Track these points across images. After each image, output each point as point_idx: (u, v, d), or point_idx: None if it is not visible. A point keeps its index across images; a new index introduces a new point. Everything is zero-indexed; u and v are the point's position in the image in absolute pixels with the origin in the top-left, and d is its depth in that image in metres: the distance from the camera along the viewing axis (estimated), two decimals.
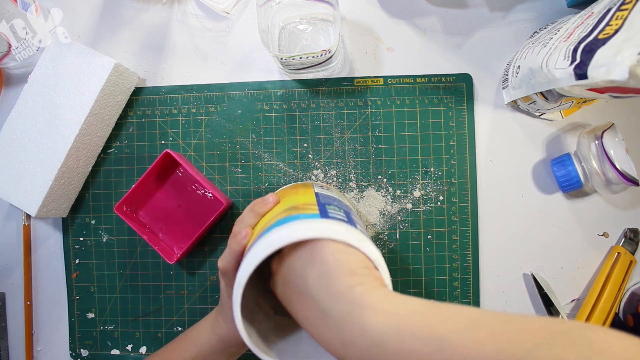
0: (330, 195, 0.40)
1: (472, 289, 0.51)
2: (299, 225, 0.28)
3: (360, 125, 0.52)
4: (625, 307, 0.50)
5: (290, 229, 0.28)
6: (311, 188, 0.43)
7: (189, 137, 0.53)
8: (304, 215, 0.31)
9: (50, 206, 0.49)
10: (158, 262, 0.53)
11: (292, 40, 0.50)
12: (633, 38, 0.30)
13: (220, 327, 0.41)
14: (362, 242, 0.28)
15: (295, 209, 0.33)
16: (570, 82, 0.35)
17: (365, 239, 0.29)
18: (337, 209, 0.35)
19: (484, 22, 0.51)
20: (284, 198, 0.39)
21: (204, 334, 0.42)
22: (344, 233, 0.28)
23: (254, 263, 0.28)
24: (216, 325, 0.41)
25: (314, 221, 0.29)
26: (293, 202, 0.36)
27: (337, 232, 0.28)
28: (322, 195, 0.39)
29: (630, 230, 0.51)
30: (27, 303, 0.53)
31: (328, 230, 0.28)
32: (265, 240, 0.29)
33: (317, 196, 0.38)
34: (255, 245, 0.30)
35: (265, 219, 0.37)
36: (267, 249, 0.28)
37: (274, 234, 0.29)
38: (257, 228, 0.36)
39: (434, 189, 0.51)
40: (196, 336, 0.42)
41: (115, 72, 0.48)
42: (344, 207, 0.37)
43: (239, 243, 0.35)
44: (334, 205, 0.36)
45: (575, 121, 0.51)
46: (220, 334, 0.41)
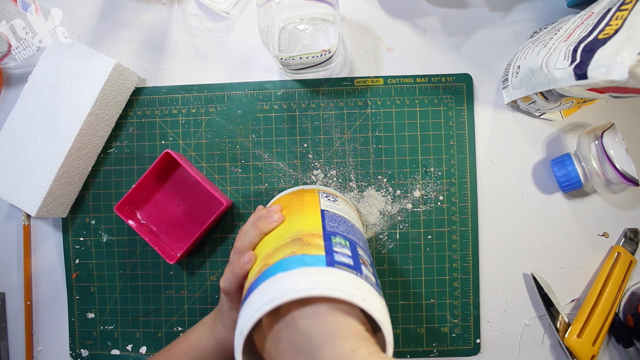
0: (338, 215, 0.39)
1: (472, 289, 0.51)
2: (302, 277, 0.28)
3: (360, 125, 0.52)
4: (625, 307, 0.50)
5: (293, 281, 0.27)
6: (317, 199, 0.41)
7: (189, 137, 0.53)
8: (308, 257, 0.30)
9: (50, 206, 0.49)
10: (158, 262, 0.53)
11: (292, 40, 0.50)
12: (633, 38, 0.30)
13: (219, 332, 0.41)
14: (367, 300, 0.27)
15: (300, 244, 0.32)
16: (570, 82, 0.35)
17: (371, 293, 0.28)
18: (343, 241, 0.34)
19: (484, 22, 0.51)
20: (289, 213, 0.38)
21: (203, 338, 0.42)
22: (351, 291, 0.27)
23: (254, 318, 0.27)
24: (215, 330, 0.41)
25: (318, 272, 0.28)
26: (297, 226, 0.35)
27: (344, 291, 0.27)
28: (328, 216, 0.38)
29: (630, 230, 0.51)
30: (27, 303, 0.53)
31: (333, 289, 0.27)
32: (266, 288, 0.28)
33: (323, 218, 0.37)
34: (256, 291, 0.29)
35: (269, 241, 0.36)
36: (267, 305, 0.27)
37: (276, 282, 0.28)
38: (261, 252, 0.35)
39: (434, 189, 0.51)
40: (196, 340, 0.42)
41: (115, 72, 0.48)
42: (350, 235, 0.36)
43: (243, 268, 0.35)
44: (339, 234, 0.35)
45: (575, 121, 0.51)
46: (219, 338, 0.41)
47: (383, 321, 0.27)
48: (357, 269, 0.30)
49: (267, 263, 0.31)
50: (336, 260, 0.30)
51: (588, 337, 0.48)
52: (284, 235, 0.35)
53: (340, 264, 0.30)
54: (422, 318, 0.51)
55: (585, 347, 0.47)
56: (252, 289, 0.30)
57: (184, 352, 0.42)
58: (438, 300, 0.51)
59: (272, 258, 0.32)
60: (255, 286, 0.30)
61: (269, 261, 0.32)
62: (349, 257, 0.31)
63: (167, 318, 0.53)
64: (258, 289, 0.29)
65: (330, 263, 0.29)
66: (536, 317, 0.51)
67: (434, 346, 0.51)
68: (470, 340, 0.51)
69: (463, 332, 0.51)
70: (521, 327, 0.51)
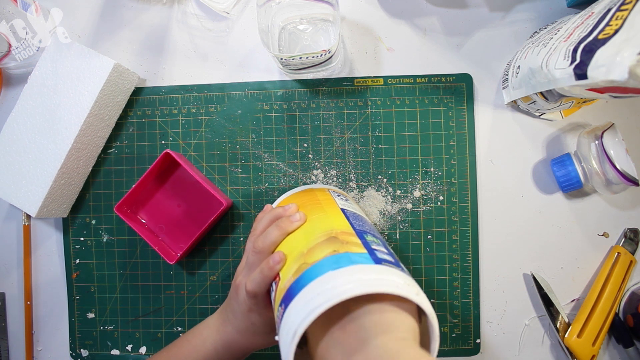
0: (357, 214, 0.39)
1: (472, 289, 0.51)
2: (358, 275, 0.27)
3: (360, 125, 0.52)
4: (625, 307, 0.50)
5: (349, 279, 0.27)
6: (331, 198, 0.41)
7: (189, 137, 0.53)
8: (354, 256, 0.29)
9: (50, 206, 0.49)
10: (158, 262, 0.53)
11: (292, 40, 0.50)
12: (633, 38, 0.30)
13: (227, 334, 0.40)
14: (420, 294, 0.28)
15: (338, 243, 0.31)
16: (570, 82, 0.35)
17: (419, 289, 0.28)
18: (376, 241, 0.33)
19: (484, 22, 0.51)
20: (309, 214, 0.38)
21: (208, 341, 0.41)
22: (405, 288, 0.27)
23: (312, 315, 0.26)
24: (223, 333, 0.40)
25: (370, 270, 0.28)
26: (326, 225, 0.35)
27: (399, 286, 0.27)
28: (350, 215, 0.37)
29: (630, 230, 0.51)
30: (27, 303, 0.53)
31: (390, 285, 0.27)
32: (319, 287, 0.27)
33: (347, 217, 0.37)
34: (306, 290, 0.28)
35: (296, 241, 0.35)
36: (328, 302, 0.26)
37: (330, 281, 0.27)
38: (291, 253, 0.34)
39: (434, 189, 0.51)
40: (199, 342, 0.41)
41: (114, 73, 0.48)
42: (377, 235, 0.36)
43: (272, 269, 0.34)
44: (370, 234, 0.34)
45: (575, 121, 0.51)
46: (228, 340, 0.40)
47: (433, 314, 0.28)
48: (398, 265, 0.30)
49: (307, 262, 0.31)
50: (380, 258, 0.30)
51: (588, 337, 0.48)
52: (313, 234, 0.34)
53: (385, 261, 0.30)
54: None
55: (585, 347, 0.47)
56: (295, 290, 0.29)
57: (185, 355, 0.41)
58: (438, 300, 0.51)
59: (311, 257, 0.31)
60: (298, 286, 0.29)
61: (308, 260, 0.31)
62: (388, 255, 0.32)
63: (167, 318, 0.53)
64: (306, 289, 0.28)
65: (377, 261, 0.29)
66: (536, 317, 0.51)
67: None
68: (470, 340, 0.51)
69: (463, 332, 0.51)
70: (521, 327, 0.51)
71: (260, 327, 0.38)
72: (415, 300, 0.27)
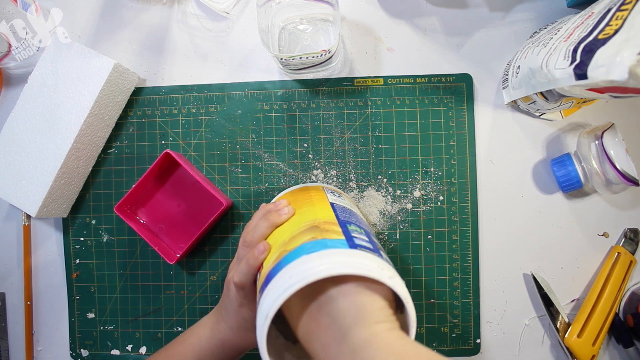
0: (346, 208, 0.39)
1: (472, 289, 0.51)
2: (328, 258, 0.28)
3: (360, 125, 0.52)
4: (625, 307, 0.50)
5: (320, 262, 0.27)
6: (323, 194, 0.41)
7: (189, 137, 0.53)
8: (330, 241, 0.30)
9: (50, 206, 0.49)
10: (158, 262, 0.53)
11: (292, 41, 0.50)
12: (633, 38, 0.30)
13: (221, 332, 0.40)
14: (393, 278, 0.28)
15: (318, 231, 0.32)
16: (570, 82, 0.35)
17: (394, 273, 0.29)
18: (358, 229, 0.34)
19: (484, 22, 0.51)
20: (298, 206, 0.38)
21: (203, 339, 0.41)
22: (377, 270, 0.27)
23: (283, 297, 0.27)
24: (217, 331, 0.41)
25: (343, 253, 0.28)
26: (311, 216, 0.35)
27: (370, 269, 0.27)
28: (338, 208, 0.38)
29: (630, 230, 0.51)
30: (27, 303, 0.53)
31: (362, 267, 0.27)
32: (292, 270, 0.28)
33: (334, 209, 0.37)
34: (280, 273, 0.29)
35: (282, 232, 0.35)
36: (297, 284, 0.26)
37: (302, 264, 0.28)
38: (275, 243, 0.35)
39: (434, 189, 0.51)
40: (195, 341, 0.41)
41: (115, 73, 0.48)
42: (363, 225, 0.36)
43: (257, 258, 0.34)
44: (354, 224, 0.35)
45: (575, 121, 0.51)
46: (222, 339, 0.40)
47: (407, 298, 0.28)
48: (376, 252, 0.31)
49: (286, 249, 0.31)
50: (357, 244, 0.30)
51: (588, 337, 0.48)
52: (297, 225, 0.34)
53: (362, 247, 0.30)
54: (422, 318, 0.51)
55: (585, 347, 0.47)
56: (271, 276, 0.30)
57: (182, 354, 0.41)
58: (438, 300, 0.51)
59: (290, 245, 0.31)
60: (275, 272, 0.29)
61: (287, 247, 0.31)
62: (367, 242, 0.32)
63: (167, 318, 0.53)
64: (280, 273, 0.29)
65: (353, 246, 0.30)
66: (536, 317, 0.51)
67: (434, 346, 0.51)
68: (470, 340, 0.51)
69: (463, 332, 0.51)
70: (521, 327, 0.51)
71: (251, 323, 0.38)
72: (387, 282, 0.27)
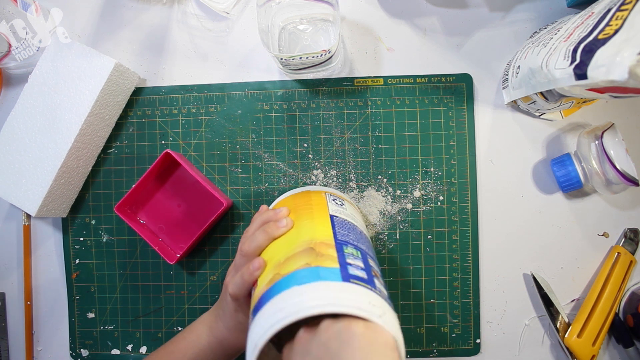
0: (346, 221, 0.39)
1: (472, 289, 0.51)
2: (319, 293, 0.28)
3: (360, 125, 0.52)
4: (625, 307, 0.50)
5: (310, 296, 0.28)
6: (324, 203, 0.41)
7: (189, 137, 0.53)
8: (323, 271, 0.30)
9: (50, 206, 0.49)
10: (158, 262, 0.53)
11: (292, 41, 0.50)
12: (633, 38, 0.30)
13: (219, 331, 0.41)
14: (384, 317, 0.28)
15: (313, 255, 0.32)
16: (570, 82, 0.35)
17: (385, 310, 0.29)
18: (355, 252, 0.34)
19: (484, 22, 0.51)
20: (297, 219, 0.38)
21: (202, 336, 0.42)
22: (367, 308, 0.27)
23: (269, 332, 0.27)
24: (215, 329, 0.41)
25: (335, 288, 0.29)
26: (308, 233, 0.35)
27: (360, 308, 0.27)
28: (338, 223, 0.38)
29: (630, 230, 0.51)
30: (27, 303, 0.53)
31: (351, 306, 0.27)
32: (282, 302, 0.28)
33: (333, 225, 0.37)
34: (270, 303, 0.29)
35: (278, 248, 0.35)
36: (284, 320, 0.27)
37: (292, 297, 0.28)
38: (271, 259, 0.35)
39: (434, 189, 0.51)
40: (195, 338, 0.42)
41: (115, 72, 0.48)
42: (360, 243, 0.36)
43: (252, 275, 0.35)
44: (351, 245, 0.35)
45: (575, 121, 0.51)
46: (219, 337, 0.41)
47: (398, 338, 0.28)
48: (370, 282, 0.31)
49: (280, 273, 0.31)
50: (351, 274, 0.30)
51: (588, 337, 0.48)
52: (294, 243, 0.35)
53: (355, 277, 0.30)
54: (422, 318, 0.51)
55: (585, 347, 0.47)
56: (264, 301, 0.30)
57: (182, 351, 0.42)
58: (438, 300, 0.51)
59: (285, 268, 0.32)
60: (267, 298, 0.30)
61: (281, 271, 0.32)
62: (362, 270, 0.32)
63: (167, 318, 0.53)
64: (272, 302, 0.29)
65: (346, 277, 0.30)
66: (536, 317, 0.51)
67: (434, 346, 0.51)
68: (470, 340, 0.51)
69: (463, 332, 0.51)
70: (521, 327, 0.51)
71: (246, 325, 0.39)
72: (376, 322, 0.27)
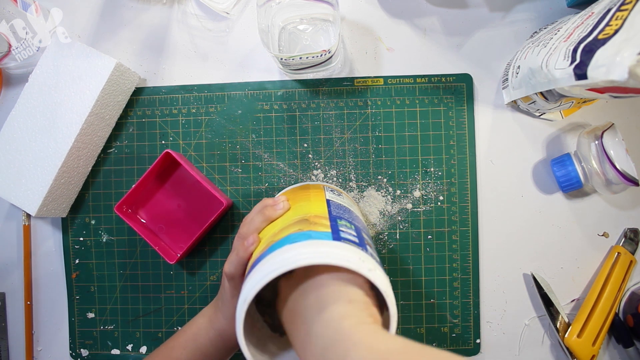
0: (342, 205, 0.39)
1: (472, 289, 0.51)
2: (310, 248, 0.28)
3: (361, 125, 0.52)
4: (625, 307, 0.50)
5: (300, 251, 0.28)
6: (322, 191, 0.42)
7: (189, 137, 0.53)
8: (315, 233, 0.30)
9: (50, 205, 0.49)
10: (158, 262, 0.53)
11: (292, 41, 0.50)
12: (633, 38, 0.30)
13: (219, 323, 0.41)
14: (373, 271, 0.28)
15: (307, 223, 0.32)
16: (570, 82, 0.35)
17: (376, 267, 0.29)
18: (348, 224, 0.34)
19: (484, 22, 0.51)
20: (294, 202, 0.39)
21: (202, 329, 0.42)
22: (356, 262, 0.27)
23: (260, 283, 0.27)
24: (215, 321, 0.42)
25: (325, 244, 0.29)
26: (304, 210, 0.36)
27: (349, 260, 0.27)
28: (333, 204, 0.38)
29: (630, 230, 0.51)
30: (27, 303, 0.53)
31: (339, 258, 0.27)
32: (273, 258, 0.29)
33: (328, 205, 0.37)
34: (263, 261, 0.29)
35: (274, 225, 0.36)
36: (275, 272, 0.27)
37: (284, 253, 0.28)
38: (266, 235, 0.35)
39: (434, 189, 0.51)
40: (195, 332, 0.42)
41: (116, 72, 0.48)
42: (355, 222, 0.36)
43: (247, 250, 0.35)
44: (345, 219, 0.35)
45: (575, 121, 0.51)
46: (219, 329, 0.41)
47: (387, 292, 0.28)
48: (362, 246, 0.31)
49: (273, 240, 0.32)
50: (342, 237, 0.30)
51: (588, 337, 0.48)
52: (289, 219, 0.35)
53: (346, 240, 0.30)
54: (422, 318, 0.51)
55: (585, 347, 0.47)
56: (256, 263, 0.30)
57: (183, 345, 0.42)
58: (438, 300, 0.51)
59: (278, 236, 0.32)
60: (260, 259, 0.30)
61: (274, 238, 0.32)
62: (355, 236, 0.32)
63: (167, 318, 0.53)
64: (263, 261, 0.29)
65: (337, 238, 0.30)
66: (536, 317, 0.51)
67: (434, 346, 0.51)
68: (470, 340, 0.51)
69: (463, 332, 0.51)
70: (521, 327, 0.51)
71: None
72: (365, 274, 0.27)
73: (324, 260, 0.27)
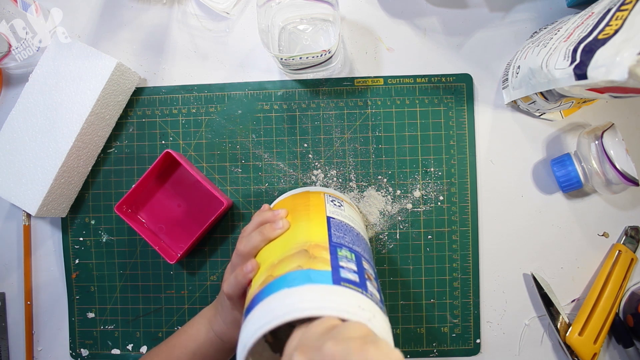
0: (343, 223, 0.39)
1: (472, 289, 0.51)
2: (309, 295, 0.28)
3: (361, 125, 0.52)
4: (625, 307, 0.50)
5: (300, 298, 0.28)
6: (322, 204, 0.41)
7: (189, 137, 0.53)
8: (314, 273, 0.30)
9: (50, 205, 0.49)
10: (158, 262, 0.53)
11: (292, 41, 0.50)
12: (633, 38, 0.30)
13: (218, 326, 0.42)
14: (373, 320, 0.28)
15: (306, 257, 0.32)
16: (570, 82, 0.35)
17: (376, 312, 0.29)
18: (349, 254, 0.34)
19: (484, 22, 0.51)
20: (294, 220, 0.38)
21: (202, 331, 0.42)
22: (356, 312, 0.28)
23: (258, 333, 0.27)
24: (215, 323, 0.42)
25: (324, 291, 0.29)
26: (304, 235, 0.35)
27: (349, 312, 0.27)
28: (334, 224, 0.38)
29: (631, 228, 0.50)
30: (27, 303, 0.53)
31: (339, 310, 0.27)
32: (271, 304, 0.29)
33: (329, 226, 0.37)
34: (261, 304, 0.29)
35: (274, 249, 0.36)
36: (273, 322, 0.27)
37: (283, 299, 0.28)
38: (265, 261, 0.35)
39: (434, 189, 0.51)
40: (195, 333, 0.43)
41: (117, 72, 0.48)
42: (355, 245, 0.36)
43: (245, 277, 0.35)
44: (346, 247, 0.35)
45: (575, 121, 0.51)
46: (219, 331, 0.42)
47: (387, 339, 0.28)
48: (362, 286, 0.31)
49: (272, 275, 0.32)
50: (342, 277, 0.30)
51: (589, 336, 0.48)
52: (289, 245, 0.35)
53: (346, 281, 0.30)
54: (422, 318, 0.51)
55: (586, 345, 0.47)
56: (256, 301, 0.30)
57: (183, 345, 0.42)
58: (438, 300, 0.51)
59: (277, 270, 0.32)
60: (259, 299, 0.30)
61: (274, 273, 0.32)
62: (355, 273, 0.32)
63: (167, 318, 0.53)
64: (262, 303, 0.29)
65: (336, 280, 0.30)
66: (536, 317, 0.51)
67: (434, 346, 0.51)
68: (470, 340, 0.51)
69: (463, 332, 0.51)
70: (521, 327, 0.51)
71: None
72: (365, 324, 0.27)
73: (322, 312, 0.27)
